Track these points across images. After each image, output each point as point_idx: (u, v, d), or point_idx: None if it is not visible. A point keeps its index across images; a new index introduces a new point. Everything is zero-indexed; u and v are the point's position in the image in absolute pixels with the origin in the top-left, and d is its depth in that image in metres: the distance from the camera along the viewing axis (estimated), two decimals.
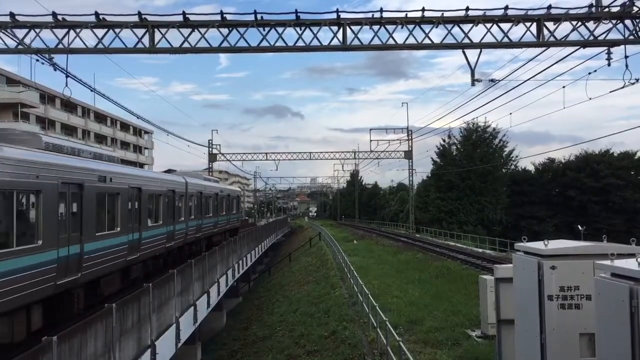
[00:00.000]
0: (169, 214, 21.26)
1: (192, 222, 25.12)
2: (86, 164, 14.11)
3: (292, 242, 65.56)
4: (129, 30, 16.57)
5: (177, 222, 22.29)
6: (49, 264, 11.35)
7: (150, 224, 18.80)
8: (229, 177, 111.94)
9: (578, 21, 16.67)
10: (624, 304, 4.84)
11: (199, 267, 16.88)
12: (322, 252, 41.55)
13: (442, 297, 18.99)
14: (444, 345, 13.17)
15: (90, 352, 8.21)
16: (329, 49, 17.29)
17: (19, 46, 16.29)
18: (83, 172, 13.48)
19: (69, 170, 12.71)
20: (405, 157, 61.85)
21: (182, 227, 23.31)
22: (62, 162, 12.61)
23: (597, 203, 61.25)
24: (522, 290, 7.47)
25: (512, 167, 69.76)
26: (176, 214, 22.30)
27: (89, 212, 13.57)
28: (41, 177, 11.23)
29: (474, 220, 62.56)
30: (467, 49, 17.28)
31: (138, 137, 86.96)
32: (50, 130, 58.28)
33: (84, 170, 13.58)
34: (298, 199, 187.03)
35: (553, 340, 6.70)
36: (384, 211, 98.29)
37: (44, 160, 11.65)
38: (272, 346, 20.01)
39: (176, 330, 13.36)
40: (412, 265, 29.15)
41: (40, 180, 11.19)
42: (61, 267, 11.87)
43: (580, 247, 7.07)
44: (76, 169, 13.17)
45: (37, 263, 10.86)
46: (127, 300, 10.16)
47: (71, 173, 12.78)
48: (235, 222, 38.02)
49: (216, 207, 30.60)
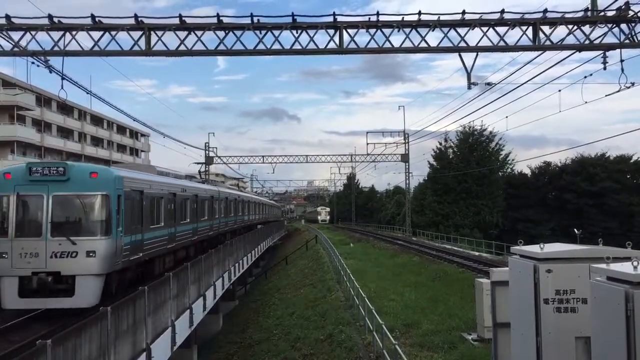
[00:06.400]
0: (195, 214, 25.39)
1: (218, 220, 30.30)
2: (174, 181, 22.44)
3: (289, 245, 65.51)
4: (125, 32, 16.56)
5: (200, 221, 25.84)
6: (166, 235, 19.55)
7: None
8: (225, 180, 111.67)
9: (574, 25, 16.72)
10: (619, 307, 4.83)
11: (195, 270, 16.84)
12: (319, 255, 41.51)
13: (439, 301, 18.98)
14: (440, 348, 13.15)
15: (84, 355, 8.18)
16: (326, 52, 17.30)
17: (15, 48, 16.26)
18: (176, 186, 21.69)
19: (171, 185, 21.05)
20: (402, 161, 61.87)
21: (207, 224, 27.70)
22: (168, 181, 21.29)
23: (593, 206, 61.42)
24: (518, 293, 7.46)
25: (508, 170, 69.96)
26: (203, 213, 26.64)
27: (180, 208, 21.93)
28: (164, 190, 19.81)
29: (471, 224, 62.63)
30: (464, 52, 17.31)
31: (135, 140, 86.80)
32: (46, 133, 58.22)
33: (176, 185, 21.85)
34: (295, 202, 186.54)
35: (549, 344, 6.69)
36: (381, 214, 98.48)
37: (165, 181, 20.66)
38: (269, 349, 19.96)
39: (172, 334, 13.31)
40: (408, 268, 29.13)
41: (164, 192, 19.75)
42: (172, 238, 20.41)
43: (576, 251, 7.07)
44: (173, 185, 21.42)
45: (161, 234, 18.92)
46: (122, 303, 10.12)
47: (172, 187, 21.09)
48: (248, 221, 45.06)
49: (235, 209, 37.27)
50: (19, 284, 13.11)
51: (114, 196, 14.22)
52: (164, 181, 20.61)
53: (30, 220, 13.81)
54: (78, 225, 13.90)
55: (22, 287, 13.16)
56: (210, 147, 61.42)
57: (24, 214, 13.79)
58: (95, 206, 14.00)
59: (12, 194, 13.57)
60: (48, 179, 13.74)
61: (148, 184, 17.84)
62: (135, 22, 16.43)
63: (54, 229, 13.51)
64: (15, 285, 13.10)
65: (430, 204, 66.08)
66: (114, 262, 14.18)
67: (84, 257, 13.39)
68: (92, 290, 13.37)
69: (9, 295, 13.14)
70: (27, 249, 13.26)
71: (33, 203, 13.79)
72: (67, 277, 13.35)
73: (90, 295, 13.32)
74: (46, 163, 15.17)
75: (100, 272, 13.59)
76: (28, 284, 13.20)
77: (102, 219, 13.93)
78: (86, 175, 14.07)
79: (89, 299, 13.27)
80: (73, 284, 13.26)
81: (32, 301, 13.27)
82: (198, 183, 29.33)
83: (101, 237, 13.77)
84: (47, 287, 13.13)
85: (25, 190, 13.67)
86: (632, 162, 64.51)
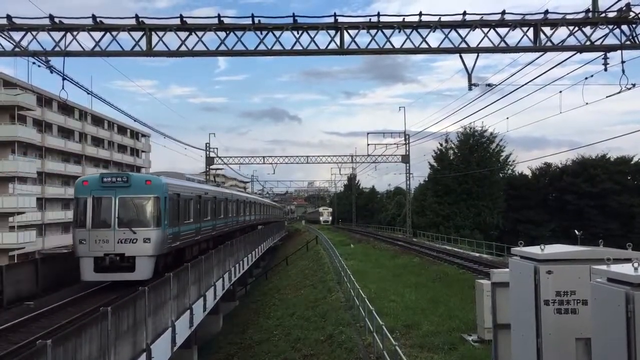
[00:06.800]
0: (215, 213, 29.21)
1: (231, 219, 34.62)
2: (199, 185, 26.91)
3: (289, 245, 65.50)
4: (126, 33, 16.58)
5: (217, 219, 29.41)
6: (194, 229, 23.43)
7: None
8: (226, 181, 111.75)
9: (575, 26, 16.72)
10: (620, 308, 4.83)
11: (195, 271, 16.85)
12: (319, 255, 41.51)
13: (439, 302, 18.97)
14: (440, 349, 13.15)
15: (84, 356, 8.18)
16: (327, 53, 17.30)
17: (16, 48, 16.27)
18: (200, 190, 25.71)
19: (197, 189, 24.98)
20: (403, 161, 61.87)
21: (223, 222, 31.60)
22: (195, 186, 25.39)
23: (593, 208, 61.36)
24: (518, 294, 7.46)
25: (509, 171, 69.92)
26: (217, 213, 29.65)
27: (203, 208, 25.58)
28: (202, 194, 25.41)
29: (471, 225, 62.59)
30: (465, 53, 17.31)
31: (135, 140, 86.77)
32: (47, 133, 58.22)
33: (200, 189, 25.98)
34: (295, 203, 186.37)
35: (549, 345, 6.69)
36: (381, 215, 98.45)
37: (193, 186, 24.80)
38: (269, 350, 19.96)
39: (172, 334, 13.32)
40: (408, 269, 29.13)
41: (193, 194, 23.54)
42: (198, 231, 24.28)
43: (576, 252, 7.07)
44: (198, 189, 25.56)
45: (191, 228, 22.86)
46: (123, 303, 10.12)
47: (198, 191, 24.98)
48: (255, 220, 48.67)
49: (245, 210, 41.46)
50: (94, 262, 17.16)
51: (162, 198, 18.41)
52: (192, 186, 24.76)
53: (102, 215, 17.72)
54: (137, 219, 17.87)
55: (96, 265, 17.18)
56: (210, 148, 61.47)
57: (98, 211, 17.72)
58: (149, 205, 18.13)
59: (89, 196, 17.70)
60: (115, 185, 17.90)
61: (182, 189, 22.03)
62: (136, 23, 16.45)
63: (120, 222, 17.57)
64: (92, 263, 17.16)
65: (431, 205, 66.05)
66: (162, 247, 18.33)
67: (141, 243, 17.55)
68: (148, 267, 17.48)
69: (87, 271, 17.21)
70: (100, 236, 17.37)
71: (104, 203, 17.74)
72: (129, 257, 17.40)
73: (146, 271, 17.41)
74: (114, 174, 19.27)
75: (153, 253, 17.76)
76: (101, 262, 17.21)
77: (154, 215, 18.09)
78: (143, 182, 18.39)
79: (145, 274, 17.32)
80: (134, 263, 17.36)
81: (104, 275, 17.38)
82: (214, 186, 33.65)
83: (153, 228, 17.95)
84: (115, 265, 17.24)
85: (98, 194, 17.75)
86: (633, 164, 64.42)
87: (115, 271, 17.32)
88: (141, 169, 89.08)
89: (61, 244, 56.31)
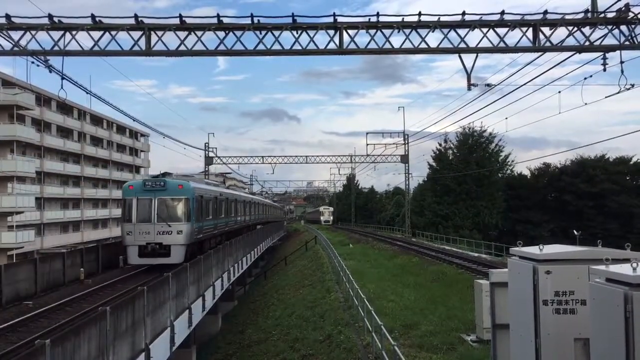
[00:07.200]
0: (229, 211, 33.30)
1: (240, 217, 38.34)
2: (215, 188, 30.59)
3: (288, 245, 65.48)
4: (125, 32, 16.55)
5: (229, 217, 33.02)
6: (212, 225, 27.30)
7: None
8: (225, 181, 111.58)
9: (574, 26, 16.72)
10: (618, 309, 4.84)
11: (194, 271, 16.84)
12: (318, 255, 41.49)
13: (438, 302, 18.97)
14: (439, 349, 13.15)
15: (83, 356, 8.17)
16: (326, 53, 17.27)
17: (15, 48, 16.24)
18: (216, 192, 29.23)
19: (214, 192, 28.70)
20: (402, 161, 61.91)
21: (235, 220, 35.64)
22: (212, 188, 29.27)
23: (592, 208, 61.39)
24: (517, 294, 7.46)
25: (508, 171, 69.94)
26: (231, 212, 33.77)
27: (219, 207, 29.20)
28: (218, 195, 28.99)
29: (470, 225, 62.61)
30: (464, 53, 17.29)
31: (134, 140, 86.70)
32: (46, 133, 58.16)
33: (216, 191, 29.45)
34: (294, 203, 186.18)
35: (548, 345, 6.70)
36: (380, 215, 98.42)
37: (211, 189, 28.66)
38: (267, 350, 19.96)
39: (171, 334, 13.31)
40: (407, 269, 29.13)
41: (211, 196, 27.22)
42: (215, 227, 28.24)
43: (575, 252, 7.07)
44: (215, 191, 29.09)
45: (210, 224, 26.68)
46: (122, 303, 10.11)
47: (215, 193, 28.59)
48: (259, 219, 52.96)
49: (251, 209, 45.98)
50: (139, 249, 21.50)
51: (191, 199, 22.58)
52: (210, 189, 28.77)
53: (144, 212, 21.82)
54: (172, 215, 22.02)
55: (140, 251, 21.51)
56: (210, 148, 61.44)
57: (141, 209, 21.84)
58: (181, 205, 22.28)
59: (134, 197, 21.95)
60: (154, 188, 22.08)
61: (204, 191, 25.92)
62: (135, 22, 16.43)
63: (158, 217, 21.74)
64: (136, 250, 21.55)
65: (430, 205, 66.05)
66: (191, 238, 22.51)
67: (175, 234, 21.73)
68: (180, 254, 21.60)
69: (132, 256, 21.66)
70: (143, 229, 21.60)
71: (146, 203, 21.90)
72: (166, 245, 21.61)
73: (179, 257, 21.39)
74: (153, 180, 23.06)
75: (184, 243, 21.93)
76: (144, 249, 21.50)
77: (185, 212, 22.25)
78: (176, 186, 22.50)
79: (178, 258, 21.15)
80: (169, 250, 21.57)
81: (145, 260, 21.69)
82: (225, 188, 38.01)
83: (184, 222, 22.14)
84: (154, 251, 21.52)
85: (141, 195, 21.96)
86: (632, 164, 64.44)
87: (154, 257, 21.54)
88: (140, 169, 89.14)
89: (60, 243, 56.30)
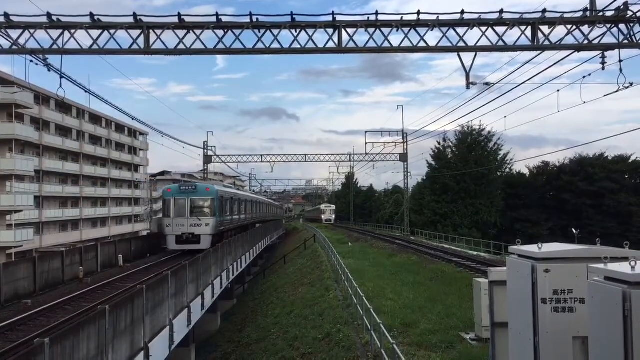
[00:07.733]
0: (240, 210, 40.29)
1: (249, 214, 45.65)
2: (230, 189, 37.89)
3: (287, 244, 65.49)
4: (124, 31, 16.53)
5: (241, 214, 40.12)
6: (229, 220, 34.53)
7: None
8: (224, 179, 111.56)
9: (573, 25, 16.71)
10: (617, 307, 4.84)
11: (193, 269, 16.84)
12: (317, 254, 41.51)
13: (437, 300, 18.99)
14: (438, 348, 13.17)
15: (82, 355, 8.17)
16: (325, 51, 17.26)
17: (13, 46, 16.20)
18: (232, 193, 36.07)
19: (230, 193, 35.80)
20: (401, 160, 61.86)
21: (244, 217, 42.34)
22: (229, 190, 37.27)
23: (591, 206, 61.47)
24: (516, 293, 7.47)
25: (506, 170, 70.00)
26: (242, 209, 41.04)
27: (234, 206, 36.04)
28: (233, 196, 36.80)
29: (469, 223, 62.67)
30: (463, 52, 17.28)
31: (133, 139, 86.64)
32: (45, 131, 58.09)
33: (232, 192, 36.49)
34: (293, 201, 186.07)
35: (546, 344, 6.70)
36: (379, 214, 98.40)
37: (228, 190, 37.32)
38: (266, 348, 19.97)
39: (170, 333, 13.31)
40: (406, 267, 29.15)
41: (229, 197, 34.69)
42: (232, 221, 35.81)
43: (574, 251, 7.07)
44: (231, 192, 36.40)
45: (229, 219, 34.37)
46: (121, 302, 10.11)
47: (231, 194, 35.73)
48: (263, 217, 58.68)
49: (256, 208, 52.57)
50: (176, 238, 28.71)
51: (216, 199, 29.87)
52: (228, 190, 35.99)
53: (180, 210, 28.98)
54: (202, 212, 29.14)
55: (177, 239, 28.70)
56: (209, 146, 61.40)
57: (177, 207, 28.98)
58: (208, 203, 29.55)
59: (172, 198, 29.13)
60: (188, 191, 29.40)
61: (224, 193, 33.16)
62: (134, 21, 16.39)
63: (191, 213, 28.84)
64: (174, 239, 28.77)
65: (429, 204, 66.09)
66: (216, 229, 29.69)
67: (204, 226, 28.89)
68: (208, 241, 28.55)
69: (171, 243, 28.95)
70: (179, 222, 28.79)
71: (181, 202, 29.07)
72: (197, 235, 28.67)
73: (207, 244, 28.09)
74: (187, 184, 31.16)
75: (211, 233, 28.99)
76: (180, 238, 28.68)
77: (211, 209, 29.48)
78: (204, 189, 29.94)
79: (207, 245, 27.70)
80: (199, 239, 28.59)
81: (181, 246, 28.78)
82: (237, 190, 46.09)
83: (211, 217, 29.33)
84: (188, 240, 28.63)
85: (178, 196, 29.19)
86: (631, 162, 64.55)
87: (188, 244, 28.54)
88: (139, 167, 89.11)
89: (58, 242, 56.27)
